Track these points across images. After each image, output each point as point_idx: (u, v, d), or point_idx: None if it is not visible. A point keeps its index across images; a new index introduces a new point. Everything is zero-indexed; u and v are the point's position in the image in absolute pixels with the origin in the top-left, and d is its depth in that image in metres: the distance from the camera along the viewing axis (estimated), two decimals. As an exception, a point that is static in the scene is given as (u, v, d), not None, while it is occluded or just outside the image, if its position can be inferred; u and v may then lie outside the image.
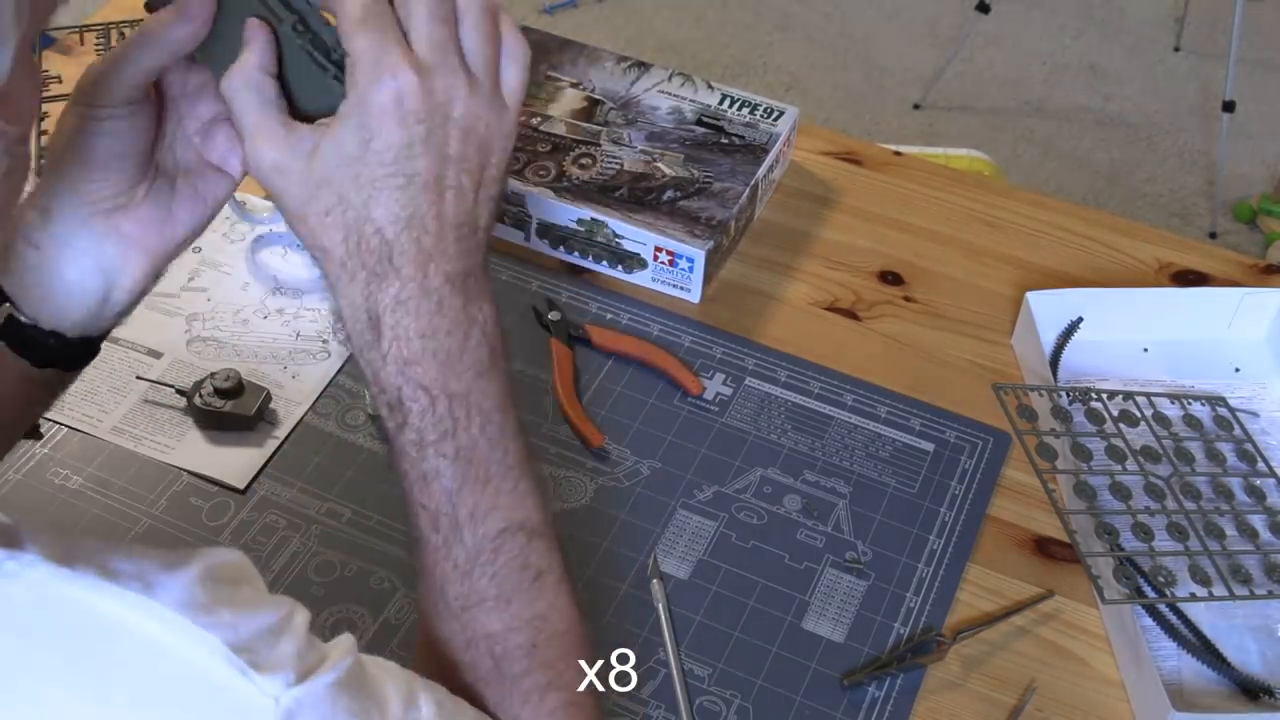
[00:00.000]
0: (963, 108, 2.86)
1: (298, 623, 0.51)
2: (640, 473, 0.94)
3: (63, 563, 0.45)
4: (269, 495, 0.92)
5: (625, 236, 1.05)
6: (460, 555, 0.61)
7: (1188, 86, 2.94)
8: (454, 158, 0.58)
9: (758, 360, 1.02)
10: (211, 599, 0.48)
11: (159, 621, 0.46)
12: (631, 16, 3.06)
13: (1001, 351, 1.05)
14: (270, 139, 0.58)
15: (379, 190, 0.57)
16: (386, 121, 0.56)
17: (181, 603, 0.47)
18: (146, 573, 0.47)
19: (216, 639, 0.47)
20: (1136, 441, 0.95)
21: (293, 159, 0.58)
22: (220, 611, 0.48)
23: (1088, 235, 1.15)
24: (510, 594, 0.61)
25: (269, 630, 0.49)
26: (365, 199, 0.57)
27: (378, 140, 0.57)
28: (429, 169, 0.58)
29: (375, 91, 0.56)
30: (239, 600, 0.49)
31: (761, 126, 1.14)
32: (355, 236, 0.58)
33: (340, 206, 0.58)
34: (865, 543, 0.91)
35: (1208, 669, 0.84)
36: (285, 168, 0.58)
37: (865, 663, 0.84)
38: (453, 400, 0.59)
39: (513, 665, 0.62)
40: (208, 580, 0.48)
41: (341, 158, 0.57)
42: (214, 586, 0.48)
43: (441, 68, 0.57)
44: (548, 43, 1.21)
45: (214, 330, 1.02)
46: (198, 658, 0.46)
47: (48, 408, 0.73)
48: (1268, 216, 2.59)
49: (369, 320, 0.58)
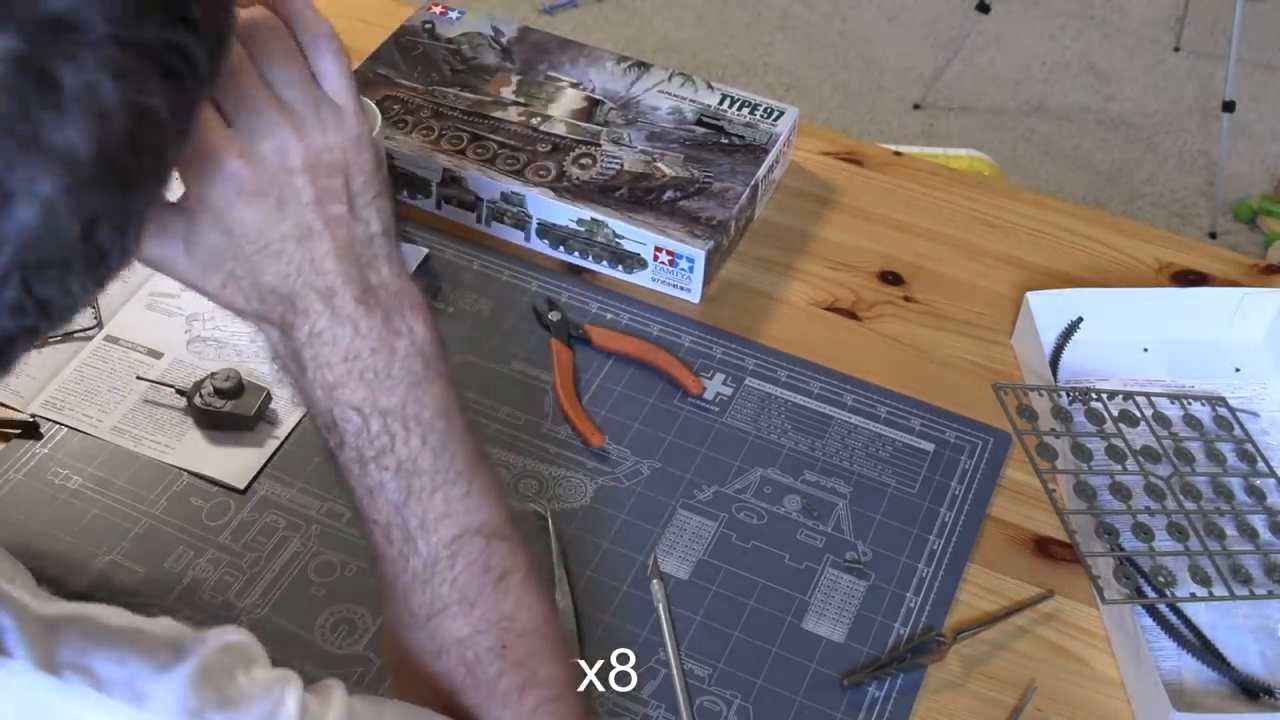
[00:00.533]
0: (963, 108, 2.86)
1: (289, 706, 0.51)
2: (640, 473, 0.94)
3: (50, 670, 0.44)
4: (269, 495, 0.92)
5: (625, 236, 1.05)
6: (418, 564, 0.61)
7: (1188, 86, 2.94)
8: (314, 201, 0.58)
9: (758, 360, 1.02)
10: (201, 703, 0.47)
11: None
12: (631, 16, 3.06)
13: (1001, 351, 1.05)
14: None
15: (259, 261, 0.57)
16: (235, 211, 0.56)
17: (171, 711, 0.46)
18: (136, 679, 0.46)
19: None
20: (1136, 441, 0.95)
21: (169, 252, 0.58)
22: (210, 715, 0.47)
23: (1088, 235, 1.15)
24: (474, 597, 0.61)
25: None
26: (249, 270, 0.58)
27: (237, 229, 0.57)
28: (296, 225, 0.57)
29: (210, 190, 0.56)
30: (231, 697, 0.49)
31: (761, 126, 1.14)
32: (255, 296, 0.58)
33: (232, 279, 0.58)
34: (865, 543, 0.91)
35: (1208, 669, 0.84)
36: (167, 259, 0.58)
37: (865, 663, 0.84)
38: (386, 416, 0.59)
39: (486, 669, 0.62)
40: (200, 679, 0.48)
41: (212, 249, 0.57)
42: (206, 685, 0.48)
43: (258, 131, 0.56)
44: (547, 43, 1.21)
45: (214, 330, 1.02)
46: None
47: None
48: (1268, 216, 2.59)
49: (291, 356, 0.59)
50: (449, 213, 1.12)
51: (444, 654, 0.62)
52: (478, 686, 0.62)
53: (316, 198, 0.58)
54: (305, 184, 0.57)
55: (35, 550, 0.87)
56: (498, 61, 1.19)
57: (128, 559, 0.87)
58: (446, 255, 1.09)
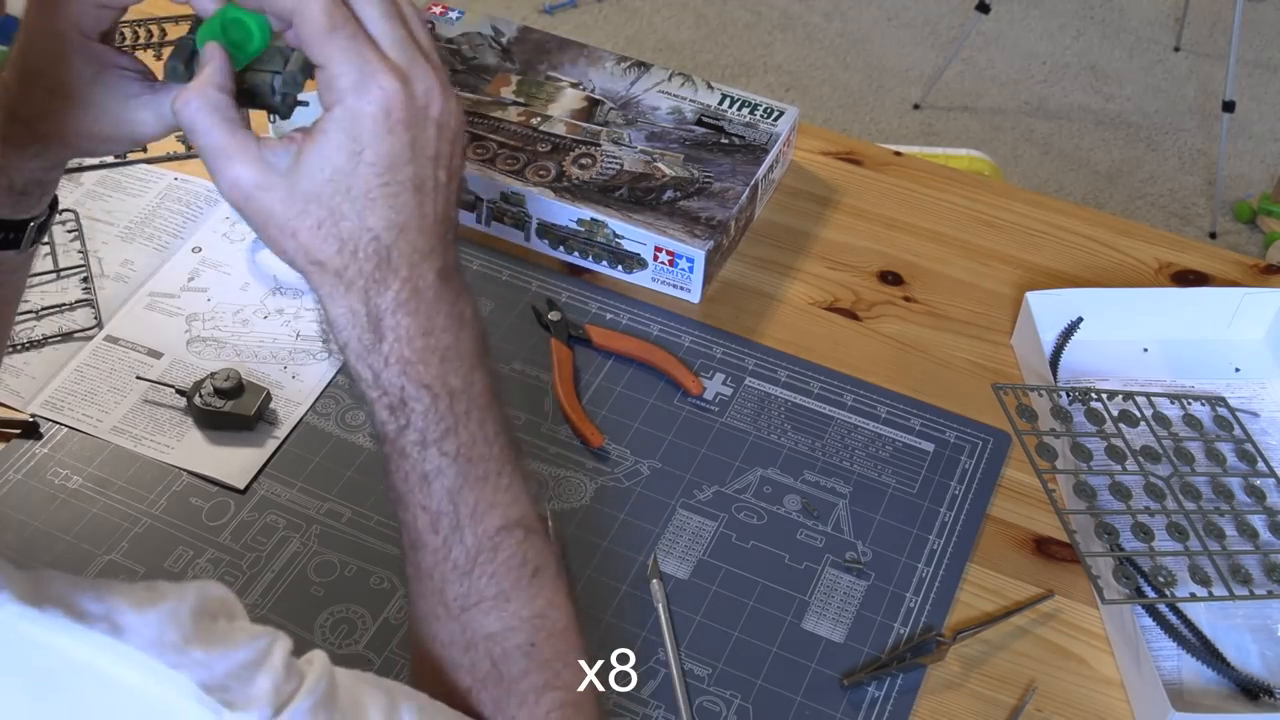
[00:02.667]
0: (963, 108, 2.87)
1: (275, 655, 0.50)
2: (640, 473, 0.94)
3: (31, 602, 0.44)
4: (269, 495, 0.92)
5: (625, 236, 1.05)
6: (460, 555, 0.61)
7: (1188, 86, 2.94)
8: (434, 157, 0.58)
9: (758, 360, 1.02)
10: (183, 638, 0.47)
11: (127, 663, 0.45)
12: (631, 16, 3.06)
13: (1001, 351, 1.05)
14: (244, 159, 0.57)
15: (373, 200, 0.57)
16: (378, 133, 0.56)
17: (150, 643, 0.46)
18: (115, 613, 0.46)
19: (187, 678, 0.46)
20: (1136, 441, 0.95)
21: (272, 175, 0.57)
22: (191, 650, 0.47)
23: (1088, 235, 1.15)
24: (509, 592, 0.61)
25: (244, 666, 0.48)
26: (359, 209, 0.57)
27: (369, 152, 0.56)
28: (417, 174, 0.58)
29: (364, 104, 0.56)
30: (214, 636, 0.48)
31: (761, 126, 1.14)
32: (351, 245, 0.57)
33: (332, 219, 0.57)
34: (865, 543, 0.91)
35: (1208, 669, 0.84)
36: (266, 185, 0.57)
37: (865, 663, 0.84)
38: (453, 397, 0.59)
39: (511, 666, 0.62)
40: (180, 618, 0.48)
41: (330, 172, 0.56)
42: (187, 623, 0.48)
43: (414, 70, 0.57)
44: (547, 43, 1.21)
45: (214, 330, 1.02)
46: (168, 699, 0.46)
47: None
48: (1268, 216, 2.59)
49: (369, 324, 0.58)
50: (449, 213, 1.12)
51: (472, 648, 0.61)
52: (500, 682, 0.61)
53: (436, 155, 0.58)
54: (433, 138, 0.58)
55: (35, 550, 0.87)
56: (498, 61, 1.19)
57: (128, 559, 0.87)
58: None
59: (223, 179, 0.57)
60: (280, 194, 0.57)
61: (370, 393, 0.59)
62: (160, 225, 1.10)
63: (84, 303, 1.03)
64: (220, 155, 0.57)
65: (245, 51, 0.60)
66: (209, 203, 1.12)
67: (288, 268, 0.59)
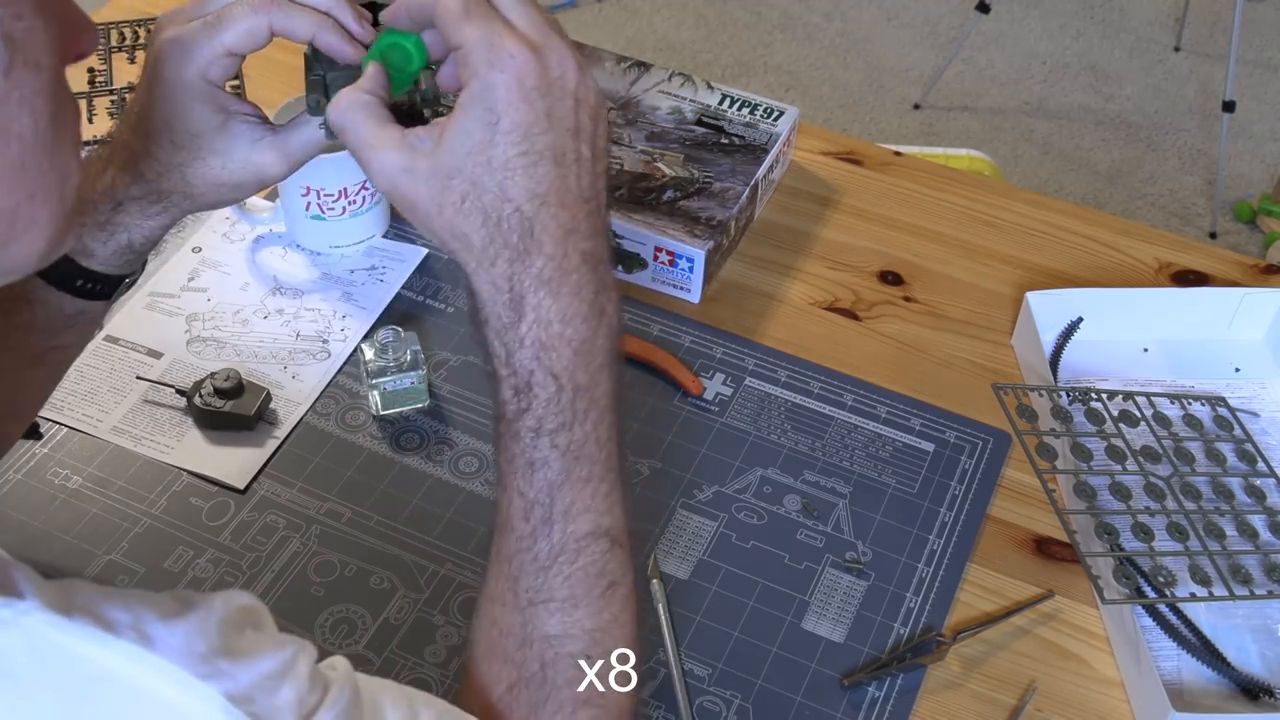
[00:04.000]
0: (963, 108, 2.86)
1: (300, 665, 0.50)
2: (640, 473, 0.94)
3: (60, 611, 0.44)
4: (269, 495, 0.92)
5: (625, 236, 1.05)
6: (544, 549, 0.61)
7: (1188, 86, 2.94)
8: (574, 130, 0.59)
9: (758, 360, 1.02)
10: (210, 648, 0.47)
11: (155, 673, 0.46)
12: (631, 16, 3.06)
13: (1001, 351, 1.05)
14: (390, 144, 0.59)
15: (512, 170, 0.58)
16: (512, 101, 0.57)
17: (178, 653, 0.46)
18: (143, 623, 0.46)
19: (214, 689, 0.46)
20: (1136, 441, 0.95)
21: (417, 158, 0.59)
22: (218, 661, 0.47)
23: (1088, 235, 1.15)
24: (580, 599, 0.61)
25: (269, 677, 0.48)
26: (500, 180, 0.58)
27: (505, 120, 0.57)
28: (555, 144, 0.58)
29: (496, 74, 0.57)
30: (240, 648, 0.49)
31: (761, 126, 1.14)
32: (495, 218, 0.58)
33: (475, 192, 0.58)
34: (865, 543, 0.91)
35: (1208, 669, 0.84)
36: (412, 167, 0.59)
37: (865, 663, 0.84)
38: (577, 392, 0.59)
39: (559, 673, 0.62)
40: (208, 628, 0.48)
41: (470, 145, 0.57)
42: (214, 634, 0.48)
43: (548, 43, 0.58)
44: (548, 43, 1.21)
45: (214, 330, 1.02)
46: (195, 709, 0.46)
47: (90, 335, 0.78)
48: (1268, 216, 2.59)
49: (511, 300, 0.58)
50: (449, 213, 1.12)
51: (527, 645, 0.61)
52: (543, 686, 0.61)
53: (577, 128, 0.59)
54: (571, 110, 0.59)
55: (35, 550, 0.87)
56: (498, 61, 1.19)
57: (128, 559, 0.87)
58: (446, 255, 1.09)
59: (372, 168, 0.60)
60: (424, 174, 0.58)
61: (500, 370, 0.60)
62: (160, 225, 1.10)
63: (84, 303, 1.03)
64: (367, 147, 0.59)
65: (406, 73, 0.64)
66: (209, 203, 1.12)
67: (288, 268, 0.60)
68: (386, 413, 0.97)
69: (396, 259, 1.08)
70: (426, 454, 0.95)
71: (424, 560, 0.88)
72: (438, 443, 0.95)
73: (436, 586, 0.87)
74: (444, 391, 0.98)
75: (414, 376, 0.95)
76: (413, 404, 0.97)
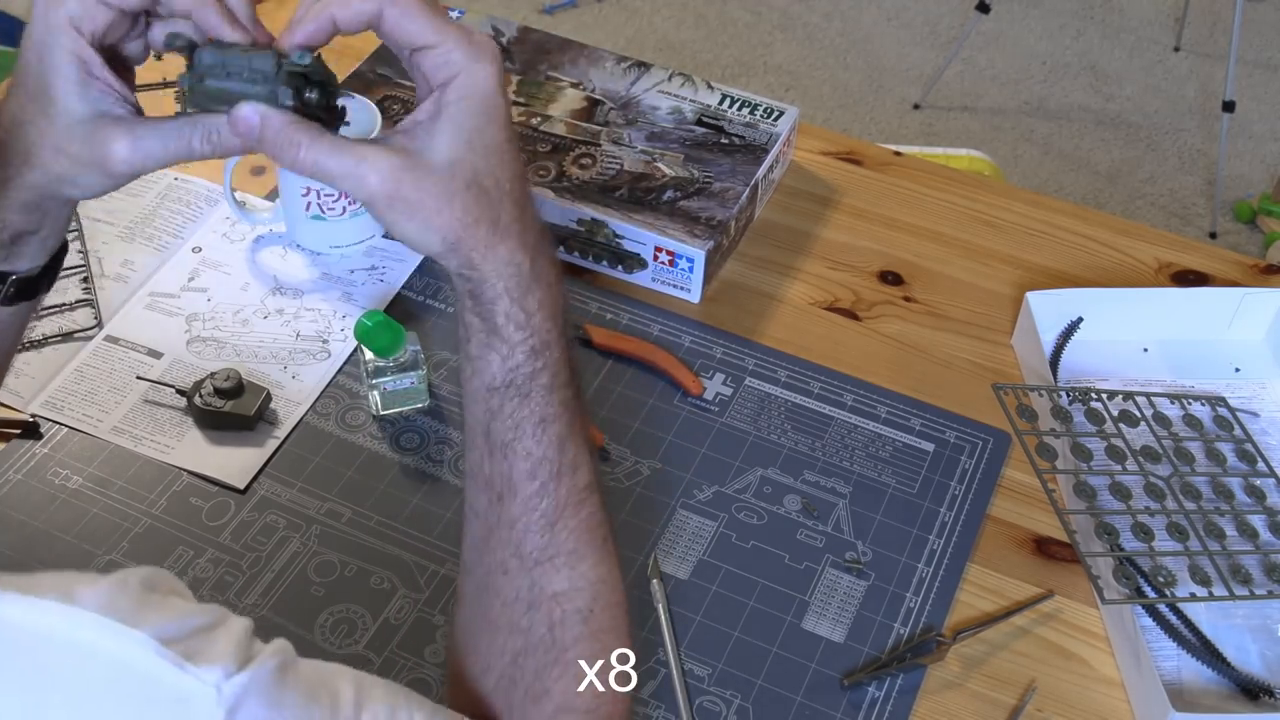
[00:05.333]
0: (963, 108, 2.86)
1: (234, 623, 0.50)
2: (640, 473, 0.94)
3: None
4: (269, 495, 0.92)
5: (625, 236, 1.05)
6: (549, 506, 0.62)
7: (1188, 86, 2.94)
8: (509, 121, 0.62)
9: (758, 360, 1.02)
10: (136, 604, 0.48)
11: (84, 626, 0.46)
12: (631, 16, 3.06)
13: (1001, 351, 1.05)
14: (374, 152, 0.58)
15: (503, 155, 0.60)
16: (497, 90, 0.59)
17: (104, 607, 0.47)
18: (65, 585, 0.47)
19: (145, 635, 0.47)
20: (1136, 441, 0.95)
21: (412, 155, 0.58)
22: (146, 614, 0.48)
23: (1088, 235, 1.15)
24: (584, 550, 0.63)
25: (201, 629, 0.49)
26: (493, 165, 0.60)
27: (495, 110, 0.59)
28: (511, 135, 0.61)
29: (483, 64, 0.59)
30: (166, 606, 0.49)
31: (761, 126, 1.14)
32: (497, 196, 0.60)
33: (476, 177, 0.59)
34: (865, 543, 0.91)
35: (1208, 669, 0.84)
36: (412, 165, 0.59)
37: (865, 663, 0.84)
38: (566, 348, 0.63)
39: (566, 632, 0.63)
40: (129, 587, 0.49)
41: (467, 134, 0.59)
42: (136, 592, 0.49)
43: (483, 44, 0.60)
44: (547, 43, 1.21)
45: (214, 330, 1.02)
46: (128, 655, 0.46)
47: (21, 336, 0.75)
48: (1268, 216, 2.59)
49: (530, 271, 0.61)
50: (449, 213, 1.12)
51: (534, 608, 0.63)
52: (550, 648, 0.63)
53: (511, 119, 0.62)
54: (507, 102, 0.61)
55: (35, 550, 0.87)
56: (498, 61, 1.19)
57: (128, 559, 0.87)
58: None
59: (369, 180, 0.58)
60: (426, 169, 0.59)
61: (517, 334, 0.61)
62: (160, 225, 1.10)
63: (84, 303, 1.03)
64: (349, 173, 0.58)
65: None
66: (209, 203, 1.12)
67: (288, 268, 0.59)
68: (386, 413, 0.97)
69: (396, 259, 1.08)
70: (426, 454, 0.95)
71: (424, 560, 0.88)
72: (438, 443, 0.95)
73: (436, 586, 0.87)
74: (444, 391, 0.98)
75: (414, 376, 0.95)
76: (413, 404, 0.97)
